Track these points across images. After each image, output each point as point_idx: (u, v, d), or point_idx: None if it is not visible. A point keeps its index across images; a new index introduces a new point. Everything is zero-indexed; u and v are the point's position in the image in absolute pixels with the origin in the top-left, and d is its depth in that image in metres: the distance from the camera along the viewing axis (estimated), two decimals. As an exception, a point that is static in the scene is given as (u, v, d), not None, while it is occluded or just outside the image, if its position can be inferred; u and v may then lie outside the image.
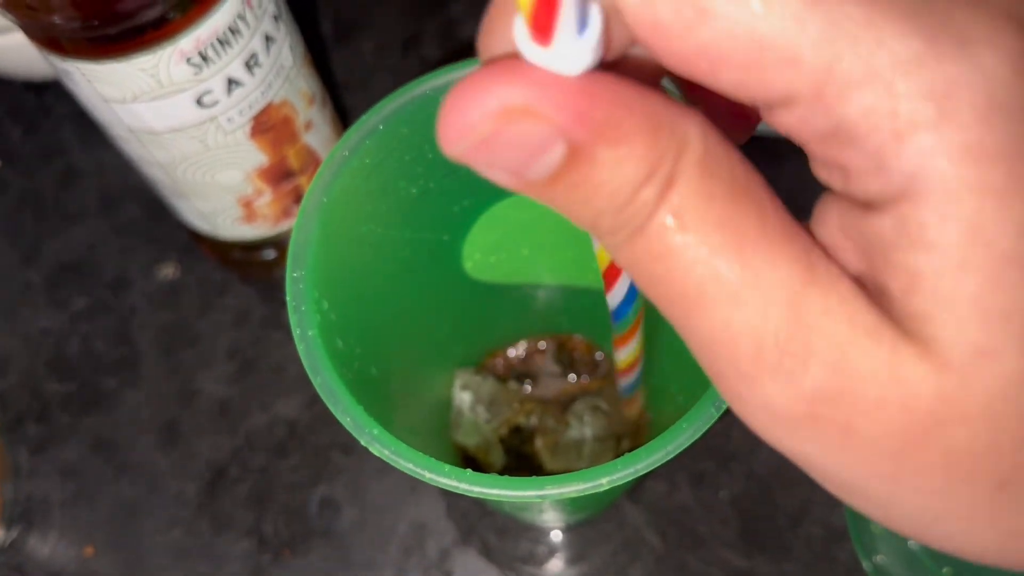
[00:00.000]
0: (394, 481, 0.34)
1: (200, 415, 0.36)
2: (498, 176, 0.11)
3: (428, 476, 0.17)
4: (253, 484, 0.34)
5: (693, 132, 0.11)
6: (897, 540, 0.32)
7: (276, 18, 0.28)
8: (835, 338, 0.11)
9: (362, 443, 0.18)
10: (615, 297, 0.20)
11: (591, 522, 0.33)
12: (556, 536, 0.33)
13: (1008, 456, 0.11)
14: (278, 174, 0.31)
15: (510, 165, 0.11)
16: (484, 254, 0.27)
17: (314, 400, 0.35)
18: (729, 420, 0.34)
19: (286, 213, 0.34)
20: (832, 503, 0.33)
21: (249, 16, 0.26)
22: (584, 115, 0.11)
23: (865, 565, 0.31)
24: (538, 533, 0.33)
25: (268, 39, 0.27)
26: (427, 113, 0.21)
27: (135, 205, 0.39)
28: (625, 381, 0.26)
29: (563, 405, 0.31)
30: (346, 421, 0.18)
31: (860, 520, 0.32)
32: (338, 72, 0.41)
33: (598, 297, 0.29)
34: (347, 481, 0.34)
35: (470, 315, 0.29)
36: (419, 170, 0.22)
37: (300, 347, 0.18)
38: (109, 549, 0.34)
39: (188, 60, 0.25)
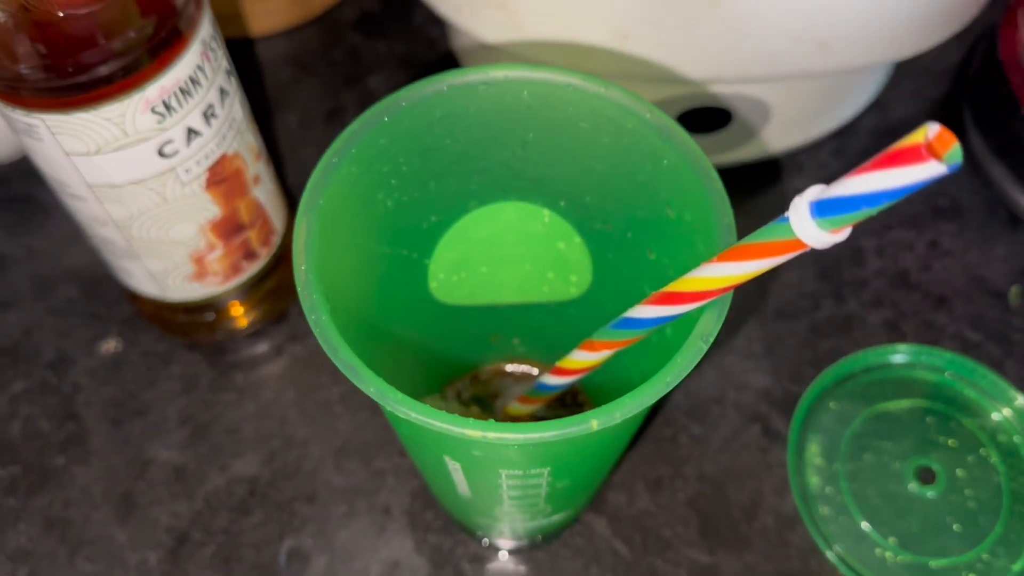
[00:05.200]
0: (362, 525, 0.34)
1: (156, 484, 0.35)
2: None
3: (470, 433, 0.18)
4: (218, 546, 0.34)
5: None
6: (844, 519, 0.34)
7: (228, 73, 0.30)
8: None
9: (387, 408, 0.19)
10: (651, 313, 0.21)
11: (560, 538, 0.34)
12: (529, 557, 0.34)
13: None
14: (230, 227, 0.32)
15: None
16: (447, 273, 0.28)
17: (273, 456, 0.36)
18: (678, 427, 0.36)
19: (235, 269, 0.34)
20: (780, 492, 0.35)
21: (207, 68, 0.28)
22: None
23: (829, 555, 0.33)
24: (512, 556, 0.34)
25: (223, 92, 0.29)
26: (403, 126, 0.23)
27: (71, 286, 0.39)
28: (554, 381, 0.27)
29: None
30: (371, 392, 0.19)
31: (810, 504, 0.34)
32: (267, 145, 0.43)
33: (551, 313, 0.31)
34: (314, 531, 0.34)
35: (434, 341, 0.31)
36: (394, 182, 0.24)
37: (316, 331, 0.20)
38: (70, 630, 0.33)
39: (153, 109, 0.27)
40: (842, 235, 0.16)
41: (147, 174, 0.28)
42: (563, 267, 0.29)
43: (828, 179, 0.41)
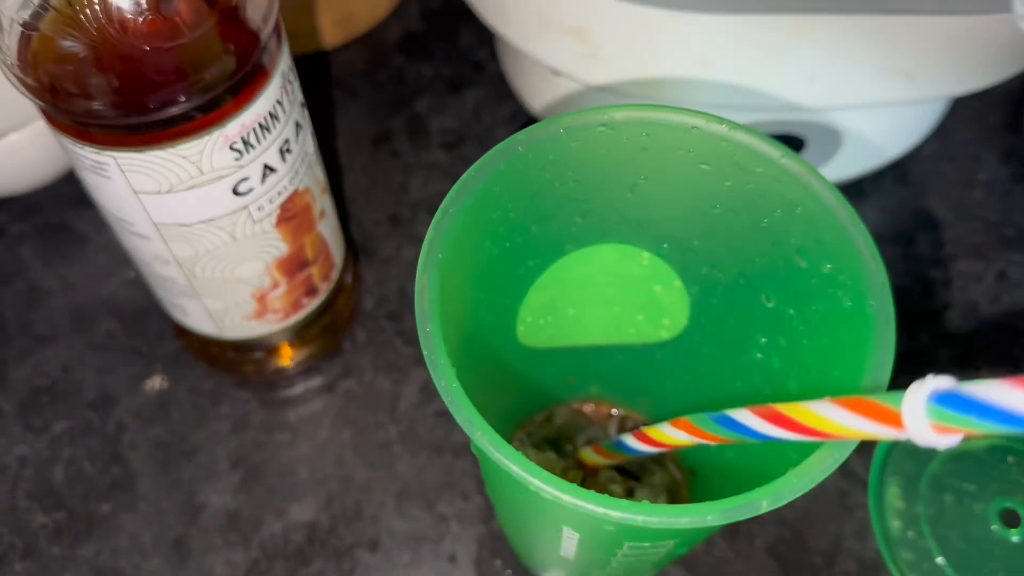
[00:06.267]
0: (426, 574, 0.33)
1: (209, 530, 0.33)
2: None
3: (616, 516, 0.17)
4: (276, 596, 0.32)
5: None
6: (928, 564, 0.33)
7: (303, 106, 0.28)
8: None
9: (532, 488, 0.17)
10: (755, 424, 0.19)
11: (637, 588, 0.33)
12: (604, 607, 0.32)
13: None
14: (295, 264, 0.31)
15: None
16: (535, 316, 0.27)
17: (331, 500, 0.34)
18: (752, 469, 0.34)
19: (296, 306, 0.33)
20: (861, 537, 0.33)
21: (285, 102, 0.26)
22: None
23: None
24: (586, 606, 0.32)
25: (298, 126, 0.28)
26: (517, 170, 0.21)
27: (111, 319, 0.38)
28: (637, 445, 0.25)
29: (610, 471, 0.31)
30: (512, 469, 0.17)
31: (893, 549, 0.33)
32: (309, 171, 0.41)
33: (635, 355, 0.30)
34: (377, 580, 0.33)
35: (512, 382, 0.29)
36: (500, 229, 0.23)
37: (446, 398, 0.18)
38: None
39: (232, 146, 0.25)
40: (949, 438, 0.14)
41: (219, 213, 0.27)
42: (656, 310, 0.27)
43: (892, 207, 0.40)
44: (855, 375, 0.19)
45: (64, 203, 0.40)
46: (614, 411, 0.33)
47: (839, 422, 0.17)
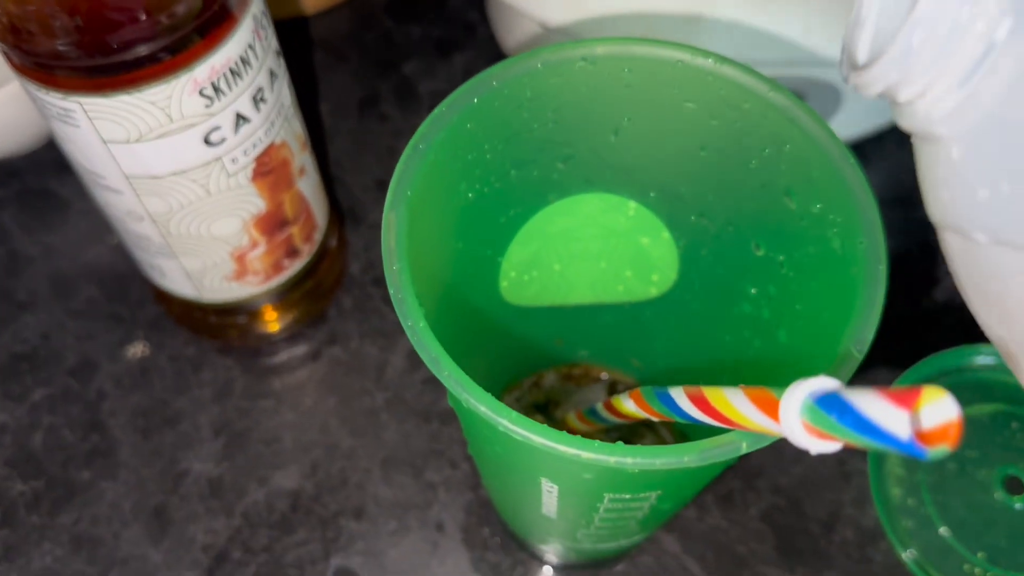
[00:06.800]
0: (413, 542, 0.32)
1: (190, 498, 0.33)
2: None
3: (587, 456, 0.16)
4: (259, 566, 0.32)
5: None
6: (928, 532, 0.32)
7: (278, 54, 0.27)
8: None
9: (500, 429, 0.16)
10: (684, 403, 0.18)
11: (628, 557, 0.32)
12: None
13: None
14: (274, 223, 0.30)
15: None
16: (519, 272, 0.26)
17: (315, 468, 0.33)
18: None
19: (277, 268, 0.32)
20: (860, 504, 0.32)
21: (258, 47, 0.25)
22: None
23: (904, 557, 0.31)
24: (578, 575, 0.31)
25: (272, 74, 0.27)
26: (492, 108, 0.21)
27: (91, 286, 0.37)
28: (605, 414, 0.24)
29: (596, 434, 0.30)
30: (482, 411, 0.16)
31: (893, 517, 0.32)
32: (296, 136, 0.40)
33: (624, 314, 0.29)
34: (362, 548, 0.32)
35: (496, 344, 0.28)
36: (477, 172, 0.22)
37: (412, 339, 0.17)
38: (101, 659, 0.30)
39: (201, 91, 0.24)
40: (820, 443, 0.13)
41: (191, 164, 0.26)
42: (644, 265, 0.26)
43: (894, 170, 0.39)
44: (844, 317, 0.18)
45: (46, 169, 0.40)
46: (603, 375, 0.32)
47: (740, 410, 0.16)
